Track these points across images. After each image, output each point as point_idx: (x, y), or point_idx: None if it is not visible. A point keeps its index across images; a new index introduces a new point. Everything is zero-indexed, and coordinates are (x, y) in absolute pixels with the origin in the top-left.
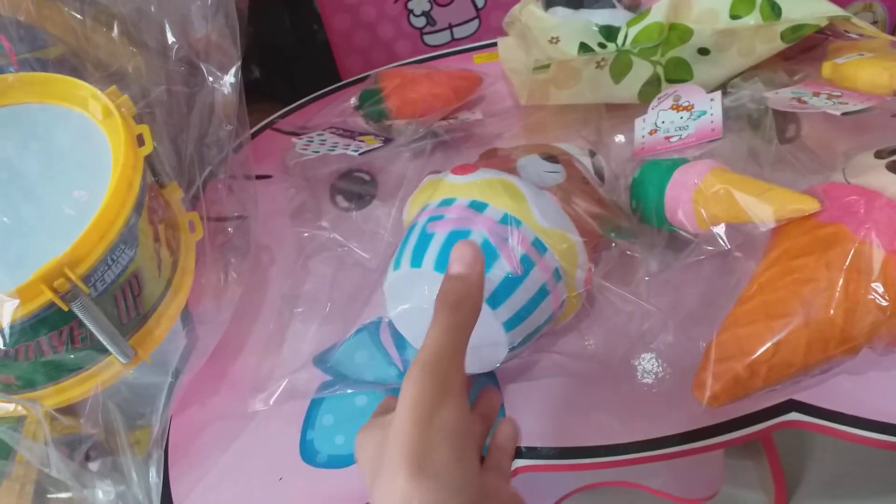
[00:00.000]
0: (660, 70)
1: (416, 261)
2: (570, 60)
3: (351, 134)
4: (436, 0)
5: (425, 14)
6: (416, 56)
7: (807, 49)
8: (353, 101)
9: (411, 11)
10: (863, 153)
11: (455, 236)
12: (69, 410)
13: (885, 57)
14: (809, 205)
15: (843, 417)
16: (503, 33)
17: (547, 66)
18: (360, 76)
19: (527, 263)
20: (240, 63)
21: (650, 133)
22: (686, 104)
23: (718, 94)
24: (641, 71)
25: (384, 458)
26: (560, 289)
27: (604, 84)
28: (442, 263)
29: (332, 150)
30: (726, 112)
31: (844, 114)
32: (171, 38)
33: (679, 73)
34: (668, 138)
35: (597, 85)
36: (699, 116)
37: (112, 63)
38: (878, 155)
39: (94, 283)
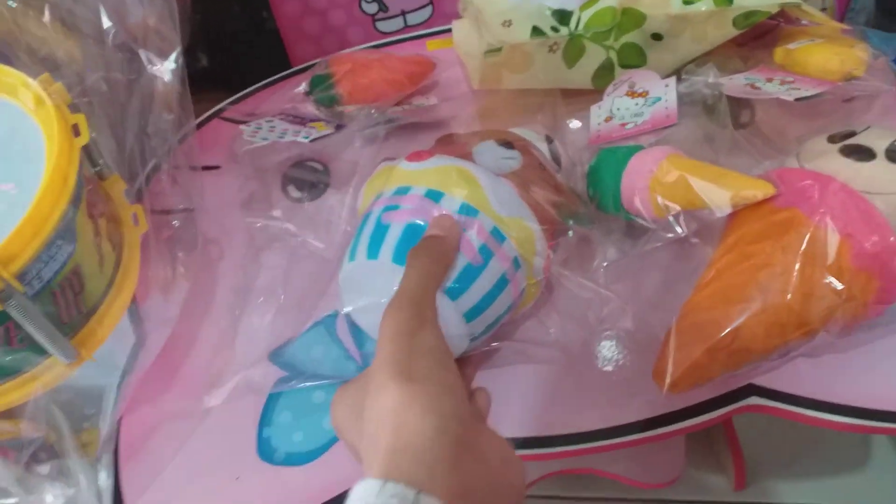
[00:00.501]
0: (613, 55)
1: (373, 252)
2: (522, 44)
3: (301, 120)
4: None
5: (377, 0)
6: (368, 41)
7: (759, 35)
8: (304, 86)
9: None
10: (816, 138)
11: (412, 229)
12: (9, 414)
13: (836, 42)
14: (764, 190)
15: (801, 400)
16: (457, 19)
17: (499, 50)
18: (311, 63)
19: (485, 253)
20: (180, 49)
21: (605, 120)
22: (641, 91)
23: (673, 80)
24: (594, 56)
25: (369, 387)
26: (519, 277)
27: (557, 68)
28: (400, 255)
29: (282, 137)
30: (681, 98)
31: (798, 99)
32: (106, 23)
33: (632, 58)
34: (623, 125)
35: (550, 69)
36: (654, 103)
37: (45, 49)
38: (831, 140)
39: (30, 280)
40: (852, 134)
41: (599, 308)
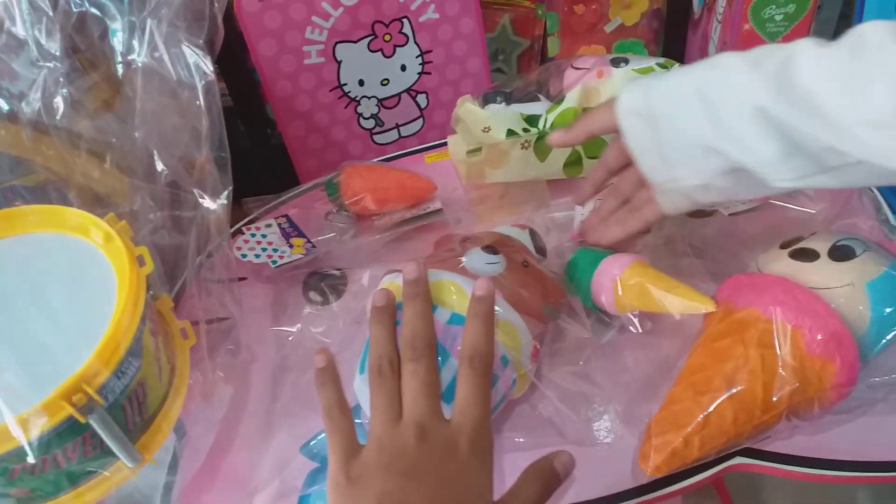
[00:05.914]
0: (579, 148)
1: None
2: (498, 143)
3: (287, 235)
4: (383, 103)
5: (374, 116)
6: (368, 153)
7: None
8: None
9: (360, 115)
10: (772, 248)
11: None
12: None
13: None
14: (706, 305)
15: (783, 457)
16: (445, 130)
17: (478, 150)
18: (331, 175)
19: None
20: (231, 188)
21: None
22: None
23: None
24: (561, 149)
25: None
26: (509, 371)
27: (531, 163)
28: None
29: (257, 258)
30: None
31: (731, 214)
32: (160, 167)
33: (597, 149)
34: None
35: (525, 164)
36: None
37: (102, 190)
38: (783, 246)
39: (106, 394)
40: (801, 239)
41: (587, 397)
